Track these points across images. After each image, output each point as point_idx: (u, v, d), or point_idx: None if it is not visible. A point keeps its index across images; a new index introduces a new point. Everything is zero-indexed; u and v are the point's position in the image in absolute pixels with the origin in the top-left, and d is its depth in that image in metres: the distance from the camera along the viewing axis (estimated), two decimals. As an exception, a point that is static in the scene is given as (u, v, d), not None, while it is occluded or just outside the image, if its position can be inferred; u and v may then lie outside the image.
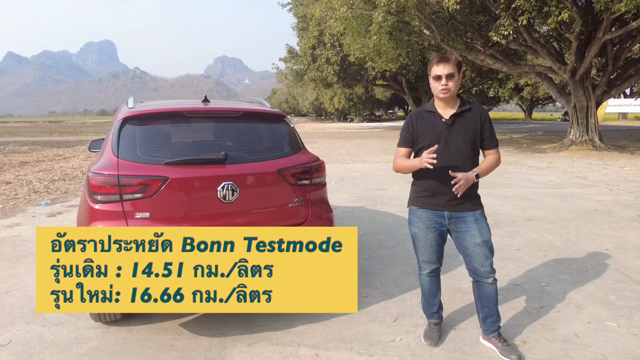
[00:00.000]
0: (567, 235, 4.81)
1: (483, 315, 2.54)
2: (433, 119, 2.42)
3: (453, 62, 2.29)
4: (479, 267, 2.44)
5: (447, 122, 2.37)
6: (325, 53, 27.82)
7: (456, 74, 2.31)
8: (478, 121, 2.39)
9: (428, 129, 2.41)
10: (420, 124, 2.44)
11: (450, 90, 2.31)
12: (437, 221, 2.47)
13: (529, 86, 41.63)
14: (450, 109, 2.39)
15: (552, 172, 9.88)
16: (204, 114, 2.79)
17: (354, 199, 7.10)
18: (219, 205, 2.50)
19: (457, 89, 2.36)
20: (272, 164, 2.69)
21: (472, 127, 2.38)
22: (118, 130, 2.56)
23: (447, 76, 2.28)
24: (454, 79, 2.30)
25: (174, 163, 2.46)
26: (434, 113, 2.42)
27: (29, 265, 4.13)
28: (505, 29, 11.97)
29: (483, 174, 2.39)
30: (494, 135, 2.44)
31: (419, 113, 2.49)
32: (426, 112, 2.46)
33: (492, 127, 2.44)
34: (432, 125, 2.40)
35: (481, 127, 2.39)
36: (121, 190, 2.35)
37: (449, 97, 2.33)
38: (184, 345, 2.66)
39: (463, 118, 2.39)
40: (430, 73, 2.36)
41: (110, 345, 2.67)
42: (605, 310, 3.00)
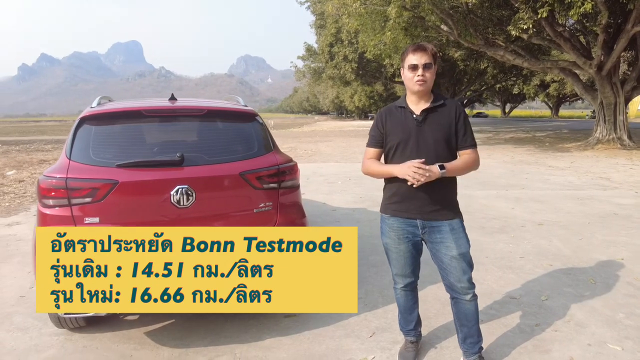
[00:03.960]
0: (578, 242, 4.46)
1: (462, 336, 2.29)
2: (403, 115, 2.18)
3: (430, 51, 2.06)
4: (455, 282, 2.19)
5: (417, 118, 2.13)
6: (342, 50, 27.57)
7: (433, 65, 2.08)
8: (452, 117, 2.14)
9: (397, 126, 2.17)
10: (390, 121, 2.20)
11: (427, 81, 2.08)
12: (410, 230, 2.23)
13: (556, 82, 40.19)
14: (422, 104, 2.15)
15: (572, 173, 9.36)
16: (165, 112, 2.62)
17: (357, 200, 6.87)
18: (173, 210, 2.33)
19: (432, 82, 2.12)
20: (234, 166, 2.50)
21: (446, 123, 2.13)
22: (74, 132, 2.43)
23: (424, 66, 2.05)
24: (430, 70, 2.07)
25: (126, 165, 2.30)
26: (405, 109, 2.18)
27: (14, 266, 4.08)
28: (524, 22, 11.43)
29: (452, 170, 2.09)
30: (470, 133, 2.18)
31: (388, 109, 2.26)
32: (396, 108, 2.22)
33: (469, 124, 2.18)
34: (402, 121, 2.17)
35: (455, 124, 2.14)
36: (69, 194, 2.22)
37: (424, 89, 2.10)
38: (143, 356, 2.51)
39: (436, 114, 2.14)
40: (404, 64, 2.12)
41: (68, 354, 2.55)
42: (610, 331, 2.69)
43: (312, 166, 11.38)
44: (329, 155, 14.22)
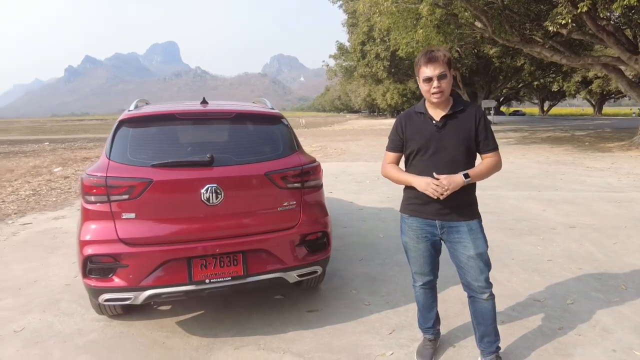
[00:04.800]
0: (612, 247, 4.31)
1: (479, 334, 2.32)
2: (423, 120, 2.22)
3: (442, 60, 2.08)
4: (473, 281, 2.23)
5: (437, 124, 2.17)
6: (374, 49, 27.46)
7: (448, 73, 2.10)
8: (472, 122, 2.15)
9: (417, 132, 2.21)
10: (409, 127, 2.25)
11: (444, 92, 2.10)
12: (429, 230, 2.27)
13: (599, 79, 38.27)
14: (441, 110, 2.18)
15: (612, 174, 8.97)
16: (197, 115, 2.78)
17: (385, 199, 6.89)
18: (203, 207, 2.48)
19: (450, 88, 2.15)
20: (259, 167, 2.63)
21: (466, 129, 2.15)
22: (113, 134, 2.63)
23: (439, 77, 2.08)
24: (446, 79, 2.10)
25: (160, 165, 2.47)
26: (424, 114, 2.22)
27: (60, 257, 4.41)
28: (563, 17, 11.00)
29: (476, 176, 2.13)
30: (492, 137, 2.20)
31: (408, 114, 2.30)
32: (416, 113, 2.26)
33: (489, 127, 2.20)
34: (422, 128, 2.20)
35: (476, 129, 2.16)
36: (109, 192, 2.40)
37: (442, 99, 2.13)
38: (174, 343, 2.69)
39: (456, 120, 2.17)
40: (418, 75, 2.16)
41: (107, 339, 2.76)
42: (637, 338, 2.62)
43: (341, 165, 11.46)
44: (359, 155, 14.24)
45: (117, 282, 2.42)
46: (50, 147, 20.50)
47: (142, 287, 2.43)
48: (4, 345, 2.71)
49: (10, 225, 5.81)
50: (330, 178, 9.12)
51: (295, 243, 2.71)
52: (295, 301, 3.24)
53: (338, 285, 3.53)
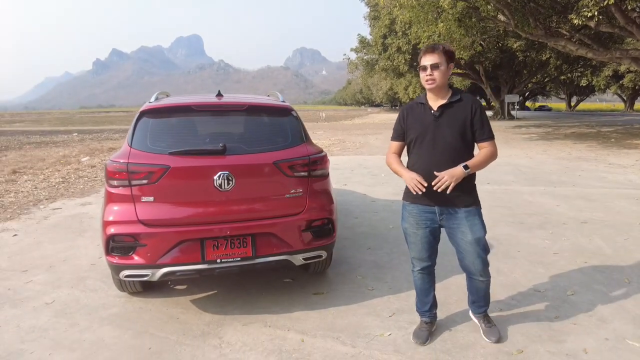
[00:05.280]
0: (622, 242, 4.31)
1: (471, 300, 2.62)
2: (423, 110, 2.38)
3: (439, 52, 2.25)
4: (470, 264, 2.42)
5: (435, 113, 2.32)
6: (396, 42, 27.20)
7: (443, 64, 2.25)
8: (468, 112, 2.30)
9: (416, 121, 2.38)
10: (410, 117, 2.41)
11: (436, 80, 2.26)
12: (429, 217, 2.42)
13: (631, 73, 36.84)
14: (440, 100, 2.33)
15: (635, 171, 8.76)
16: (212, 107, 2.97)
17: (399, 192, 6.92)
18: (216, 193, 2.67)
19: (445, 79, 2.29)
20: (269, 156, 2.80)
21: (462, 118, 2.29)
22: (134, 123, 2.84)
23: (432, 66, 2.25)
24: (439, 69, 2.25)
25: (177, 153, 2.67)
26: (424, 105, 2.38)
27: (87, 239, 4.72)
28: (589, 10, 10.73)
29: (475, 167, 2.27)
30: (487, 126, 2.33)
31: (410, 106, 2.47)
32: (417, 104, 2.43)
33: (485, 118, 2.33)
34: (421, 117, 2.37)
35: (471, 118, 2.29)
36: (130, 177, 2.62)
37: (435, 87, 2.29)
38: (188, 318, 2.90)
39: (452, 109, 2.32)
40: (419, 64, 2.31)
41: (128, 313, 3.00)
42: (634, 328, 2.68)
43: (358, 158, 11.56)
44: (377, 148, 14.28)
45: (136, 260, 2.64)
46: (79, 138, 21.30)
47: (159, 265, 2.64)
48: (37, 315, 2.99)
49: (42, 209, 6.20)
50: (346, 171, 9.25)
51: (302, 228, 2.87)
52: (303, 284, 3.42)
53: (345, 270, 3.69)
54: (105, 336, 2.70)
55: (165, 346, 2.57)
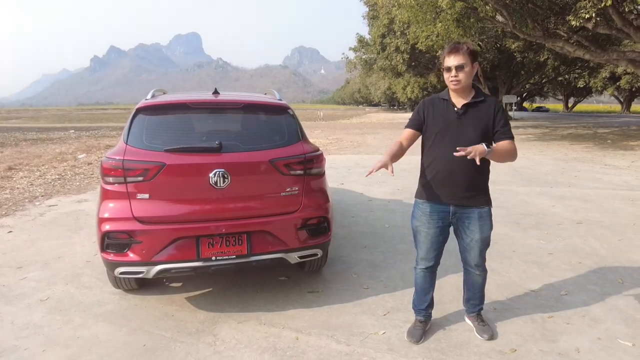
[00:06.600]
0: (617, 243, 4.33)
1: (466, 297, 2.64)
2: (445, 107, 2.39)
3: (464, 52, 2.24)
4: (471, 259, 2.50)
5: (458, 111, 2.33)
6: (394, 41, 27.20)
7: (468, 65, 2.25)
8: (491, 113, 2.32)
9: (439, 117, 2.38)
10: (432, 111, 2.41)
11: (461, 81, 2.27)
12: (441, 216, 2.44)
13: (628, 75, 36.97)
14: (463, 99, 2.35)
15: (631, 172, 8.81)
16: (208, 105, 2.97)
17: (395, 191, 6.99)
18: (212, 190, 2.67)
19: (470, 79, 2.30)
20: (264, 154, 2.80)
21: (484, 118, 2.32)
22: (130, 120, 2.84)
23: (457, 67, 2.25)
24: (464, 70, 2.25)
25: (172, 150, 2.67)
26: (448, 101, 2.39)
27: (83, 236, 4.71)
28: (586, 11, 10.76)
29: (497, 151, 2.21)
30: (508, 128, 2.35)
31: (432, 100, 2.46)
32: (440, 99, 2.43)
33: (506, 119, 2.36)
34: (444, 113, 2.37)
35: (493, 119, 2.32)
36: (125, 174, 2.61)
37: (460, 88, 2.30)
38: (183, 316, 2.91)
39: (476, 109, 2.34)
40: (442, 64, 2.33)
41: (122, 310, 3.00)
42: (626, 328, 2.70)
43: (356, 158, 11.56)
44: (375, 148, 14.30)
45: (131, 257, 2.64)
46: (76, 135, 21.23)
47: (154, 262, 2.64)
48: (32, 311, 2.98)
49: (38, 206, 6.18)
50: (343, 170, 9.25)
51: (297, 226, 2.88)
52: (298, 282, 3.42)
53: (340, 269, 3.70)
54: (100, 333, 2.70)
55: (160, 343, 2.57)
